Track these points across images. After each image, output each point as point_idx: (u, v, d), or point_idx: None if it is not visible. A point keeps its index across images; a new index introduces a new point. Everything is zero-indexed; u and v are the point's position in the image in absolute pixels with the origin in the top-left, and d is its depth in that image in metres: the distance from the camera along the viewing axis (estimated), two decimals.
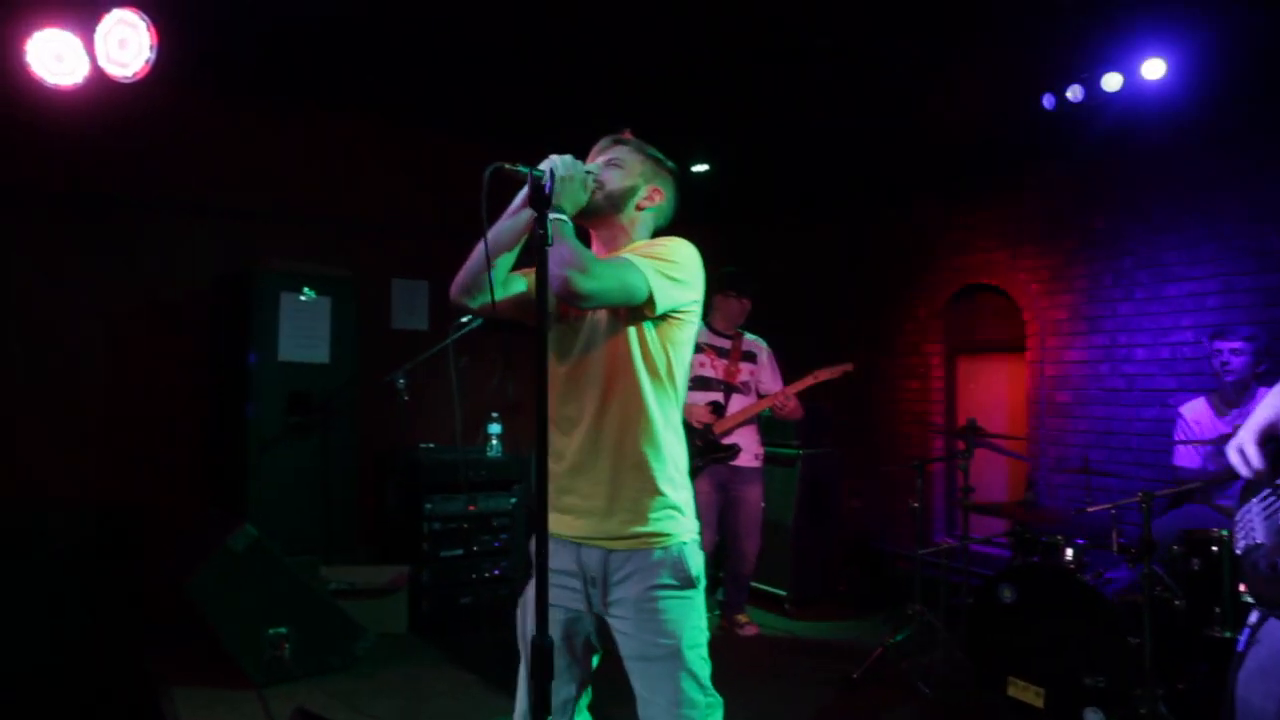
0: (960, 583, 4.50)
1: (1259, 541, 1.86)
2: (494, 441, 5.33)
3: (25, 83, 3.80)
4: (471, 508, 5.08)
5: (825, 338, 6.80)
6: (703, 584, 2.12)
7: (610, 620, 2.09)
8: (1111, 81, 4.45)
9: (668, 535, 2.05)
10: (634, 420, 2.07)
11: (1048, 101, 4.69)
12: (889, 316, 6.48)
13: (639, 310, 2.03)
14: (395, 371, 4.35)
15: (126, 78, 3.61)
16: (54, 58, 3.77)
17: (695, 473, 4.71)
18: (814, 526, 5.69)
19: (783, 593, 5.58)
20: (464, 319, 5.08)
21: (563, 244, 1.90)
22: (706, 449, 4.70)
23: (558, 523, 2.09)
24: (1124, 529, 3.81)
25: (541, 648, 1.67)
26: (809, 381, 4.61)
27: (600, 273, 1.94)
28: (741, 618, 5.04)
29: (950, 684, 4.11)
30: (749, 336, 4.97)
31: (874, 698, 4.15)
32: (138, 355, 4.94)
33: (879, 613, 5.34)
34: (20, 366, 4.63)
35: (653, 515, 2.05)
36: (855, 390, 6.59)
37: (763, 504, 4.97)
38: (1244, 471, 1.87)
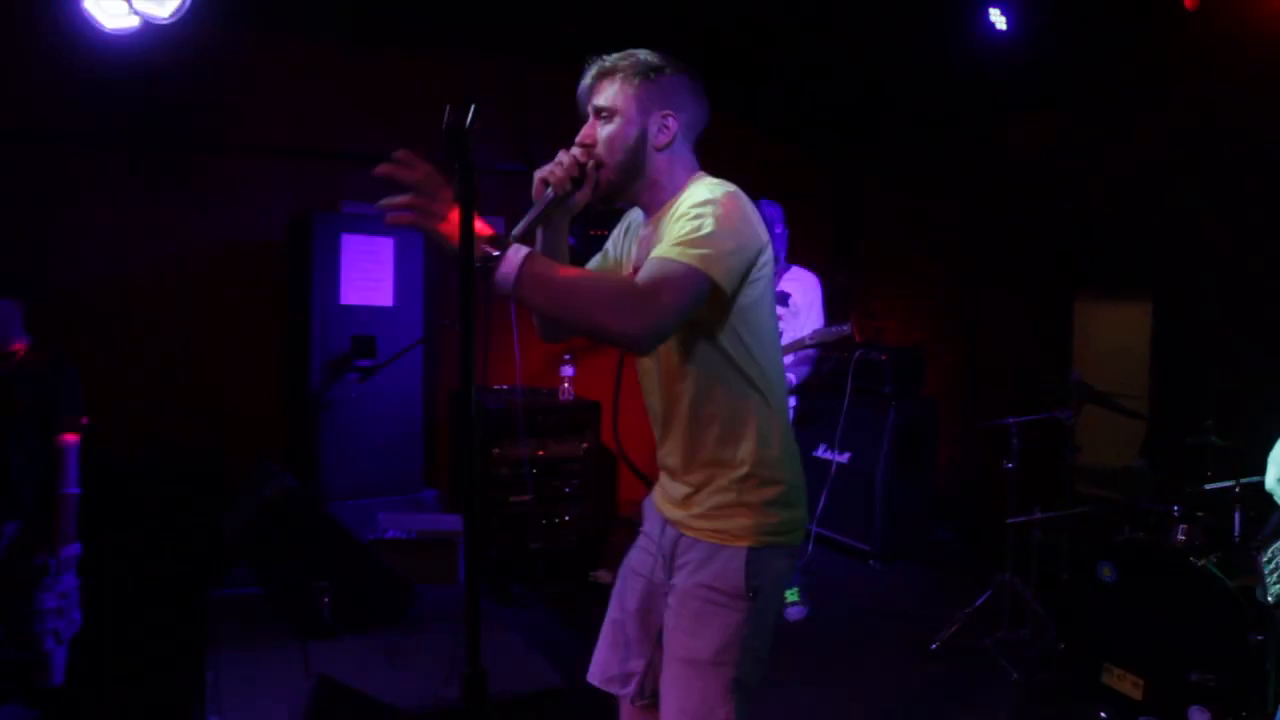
0: (1057, 554, 4.09)
1: None
2: (566, 385, 5.17)
3: (86, 29, 3.75)
4: (541, 452, 4.97)
5: (925, 267, 6.29)
6: (768, 597, 1.88)
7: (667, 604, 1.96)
8: None
9: (725, 533, 1.86)
10: (703, 414, 1.89)
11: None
12: (996, 247, 5.90)
13: (712, 302, 1.74)
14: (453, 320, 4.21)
15: (164, 19, 3.49)
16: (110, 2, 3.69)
17: None
18: (904, 478, 5.32)
19: (866, 547, 5.28)
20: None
21: (562, 293, 1.62)
22: None
23: (657, 490, 2.08)
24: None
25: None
26: (795, 344, 4.14)
27: (644, 310, 1.63)
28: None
29: (1038, 665, 3.77)
30: (792, 272, 4.39)
31: (953, 673, 3.87)
32: (213, 298, 4.97)
33: (969, 575, 4.98)
34: (96, 311, 4.72)
35: (718, 510, 1.88)
36: (960, 328, 6.10)
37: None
38: None
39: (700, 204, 1.75)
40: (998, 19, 4.38)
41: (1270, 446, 2.36)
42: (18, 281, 3.67)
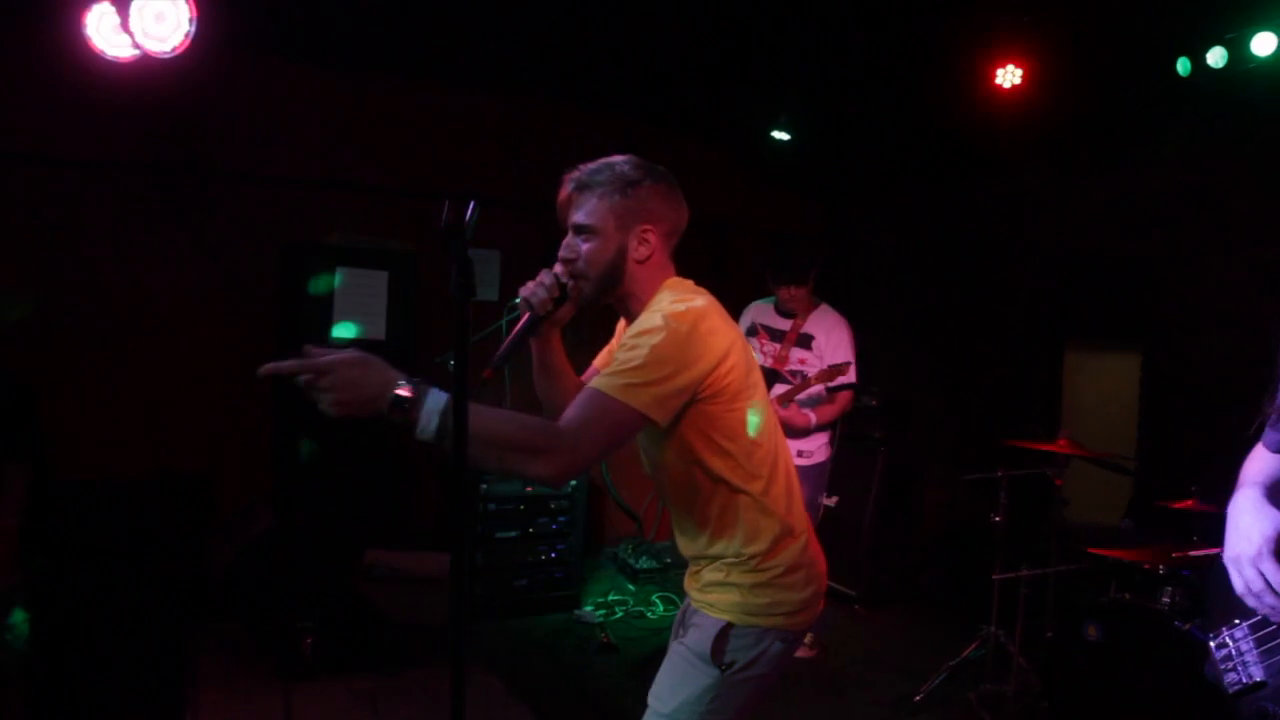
0: (1043, 609, 4.10)
1: (1258, 680, 1.42)
2: None
3: (88, 56, 3.75)
4: (529, 489, 4.95)
5: (919, 316, 6.32)
6: (745, 677, 1.91)
7: None
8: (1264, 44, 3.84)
9: (714, 606, 1.95)
10: (692, 511, 1.98)
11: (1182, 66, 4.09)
12: (986, 297, 5.94)
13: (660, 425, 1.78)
14: (445, 353, 4.19)
15: (165, 53, 3.49)
16: (112, 30, 3.70)
17: None
18: (891, 523, 5.33)
19: (852, 593, 5.27)
20: (504, 319, 4.93)
21: (477, 440, 1.55)
22: None
23: None
24: None
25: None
26: (797, 387, 4.12)
27: (563, 454, 1.66)
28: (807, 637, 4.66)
29: None
30: (819, 313, 4.36)
31: None
32: (204, 327, 4.95)
33: (955, 624, 4.98)
34: (84, 337, 4.69)
35: (709, 585, 1.98)
36: (950, 375, 6.13)
37: (821, 502, 4.54)
38: (1252, 602, 1.42)
39: (642, 332, 1.79)
40: (1007, 77, 4.43)
41: None
42: None
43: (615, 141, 6.00)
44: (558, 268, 1.93)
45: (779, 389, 4.20)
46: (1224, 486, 3.91)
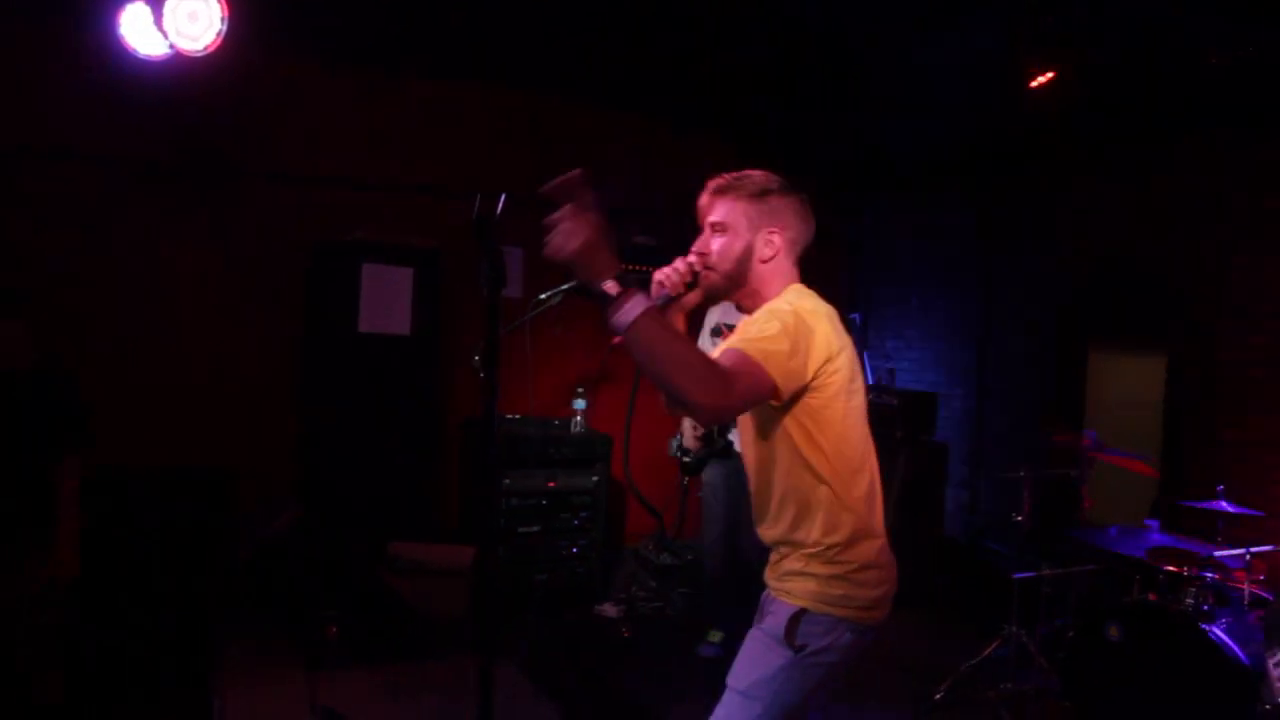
0: (1065, 609, 4.08)
1: None
2: (578, 417, 5.20)
3: (120, 54, 3.83)
4: (551, 484, 4.99)
5: (944, 316, 6.31)
6: (816, 663, 2.05)
7: None
8: None
9: (790, 593, 2.08)
10: (782, 495, 2.10)
11: None
12: (1012, 297, 5.91)
13: (778, 400, 1.97)
14: (475, 345, 4.23)
15: (197, 51, 3.55)
16: (146, 29, 3.76)
17: (691, 468, 4.45)
18: (911, 523, 5.31)
19: None
20: (544, 295, 4.96)
21: (661, 352, 1.78)
22: (705, 443, 4.35)
23: None
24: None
25: None
26: None
27: (721, 387, 1.82)
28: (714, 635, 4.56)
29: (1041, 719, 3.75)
30: None
31: None
32: (235, 324, 5.02)
33: (974, 625, 4.96)
34: (113, 334, 4.77)
35: (787, 574, 2.10)
36: (973, 374, 6.11)
37: None
38: None
39: (775, 311, 2.02)
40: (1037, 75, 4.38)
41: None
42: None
43: (641, 141, 6.06)
44: (692, 257, 2.15)
45: None
46: (1250, 487, 3.89)
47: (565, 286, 2.46)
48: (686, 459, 4.46)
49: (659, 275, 2.13)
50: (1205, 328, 4.76)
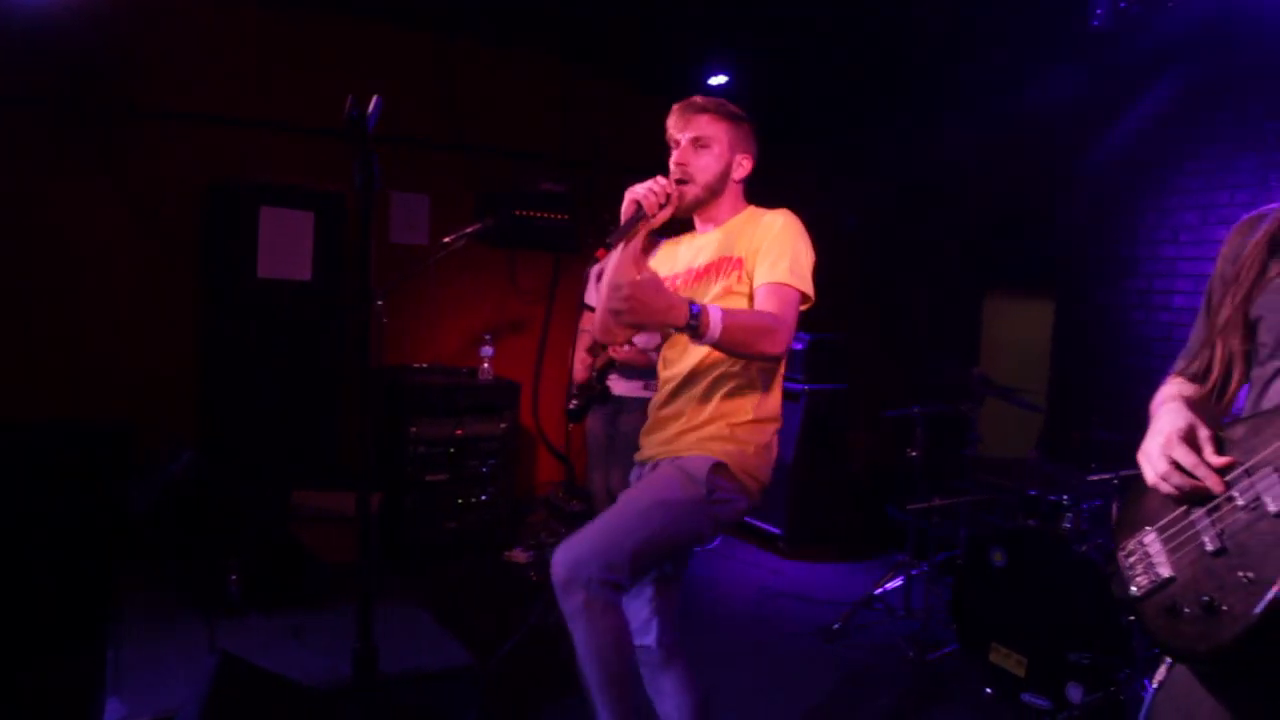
0: (953, 539, 4.28)
1: (1166, 577, 1.46)
2: (485, 365, 5.18)
3: None
4: (459, 432, 4.97)
5: (849, 262, 6.44)
6: (705, 519, 2.21)
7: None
8: None
9: (710, 452, 2.24)
10: (725, 374, 2.30)
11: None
12: (914, 245, 6.08)
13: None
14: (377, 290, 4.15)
15: None
16: None
17: (575, 415, 4.51)
18: (815, 466, 5.47)
19: (777, 531, 5.43)
20: (447, 239, 4.89)
21: (740, 337, 2.06)
22: (584, 389, 4.41)
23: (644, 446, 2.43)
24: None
25: None
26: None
27: (785, 333, 2.14)
28: None
29: (932, 645, 3.94)
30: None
31: (852, 653, 4.01)
32: (125, 270, 4.82)
33: (875, 560, 5.17)
34: (4, 282, 4.54)
35: (709, 438, 2.26)
36: (878, 320, 6.27)
37: None
38: (1164, 487, 1.47)
39: (780, 231, 2.26)
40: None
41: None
42: None
43: (550, 86, 5.99)
44: (672, 173, 2.30)
45: (644, 338, 4.28)
46: (1124, 419, 4.10)
47: (469, 230, 2.50)
48: (570, 406, 4.51)
49: (636, 195, 2.23)
50: (1085, 276, 5.00)
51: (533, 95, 5.94)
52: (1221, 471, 1.40)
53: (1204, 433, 1.44)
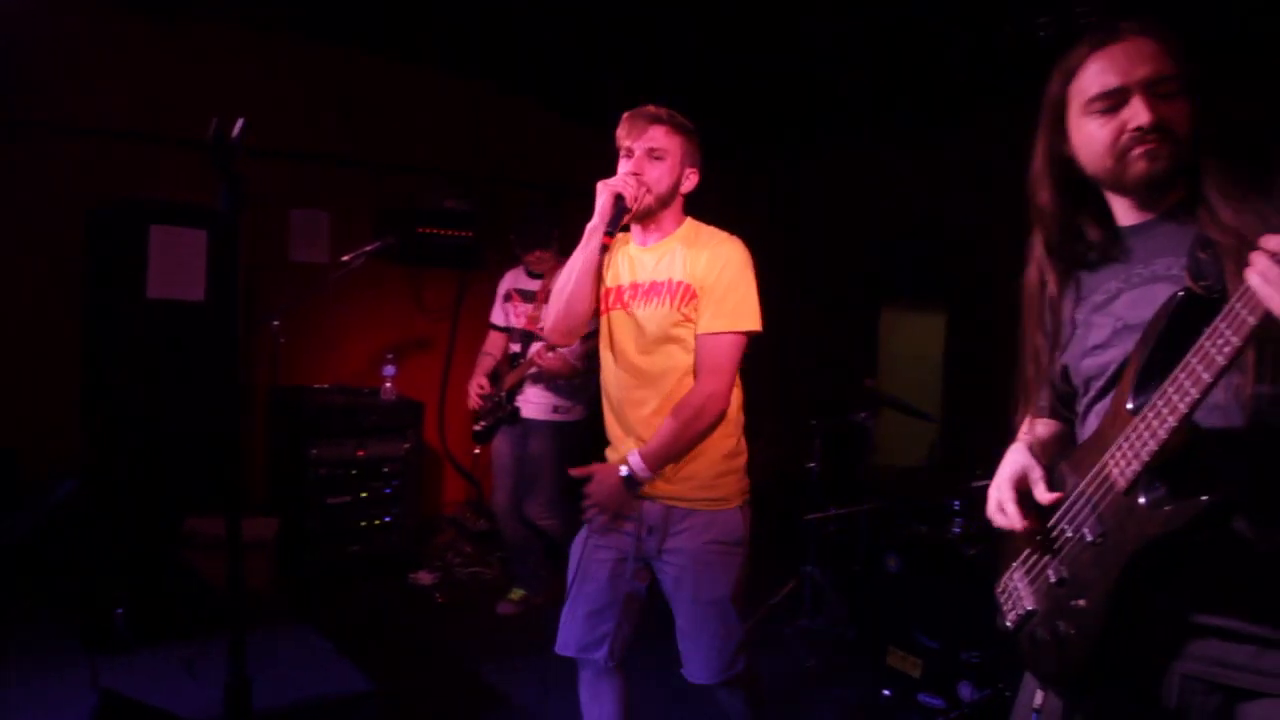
0: (854, 547, 4.40)
1: (1029, 610, 1.56)
2: (388, 384, 5.11)
3: None
4: (361, 453, 4.88)
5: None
6: (745, 546, 2.51)
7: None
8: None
9: (725, 499, 2.46)
10: (668, 398, 2.41)
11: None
12: (813, 262, 6.25)
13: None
14: (274, 310, 4.09)
15: None
16: None
17: (482, 436, 4.47)
18: None
19: None
20: (346, 258, 4.84)
21: (683, 446, 2.33)
22: (493, 410, 4.41)
23: None
24: None
25: None
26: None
27: (719, 392, 2.31)
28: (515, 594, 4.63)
29: (833, 650, 4.04)
30: None
31: (755, 660, 4.07)
32: (10, 289, 4.59)
33: (776, 568, 5.25)
34: None
35: (718, 477, 2.45)
36: (778, 337, 6.40)
37: (552, 462, 4.30)
38: (999, 520, 1.61)
39: (737, 273, 2.37)
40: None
41: None
42: None
43: (457, 104, 5.95)
44: (632, 179, 2.32)
45: (537, 347, 4.31)
46: (1011, 428, 4.27)
47: (369, 248, 2.50)
48: (477, 427, 4.48)
49: (617, 187, 2.28)
50: (976, 288, 5.21)
51: (437, 112, 5.90)
52: (1053, 507, 1.52)
53: (1036, 473, 1.56)
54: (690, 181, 2.42)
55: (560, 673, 3.12)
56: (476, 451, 4.98)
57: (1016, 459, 1.63)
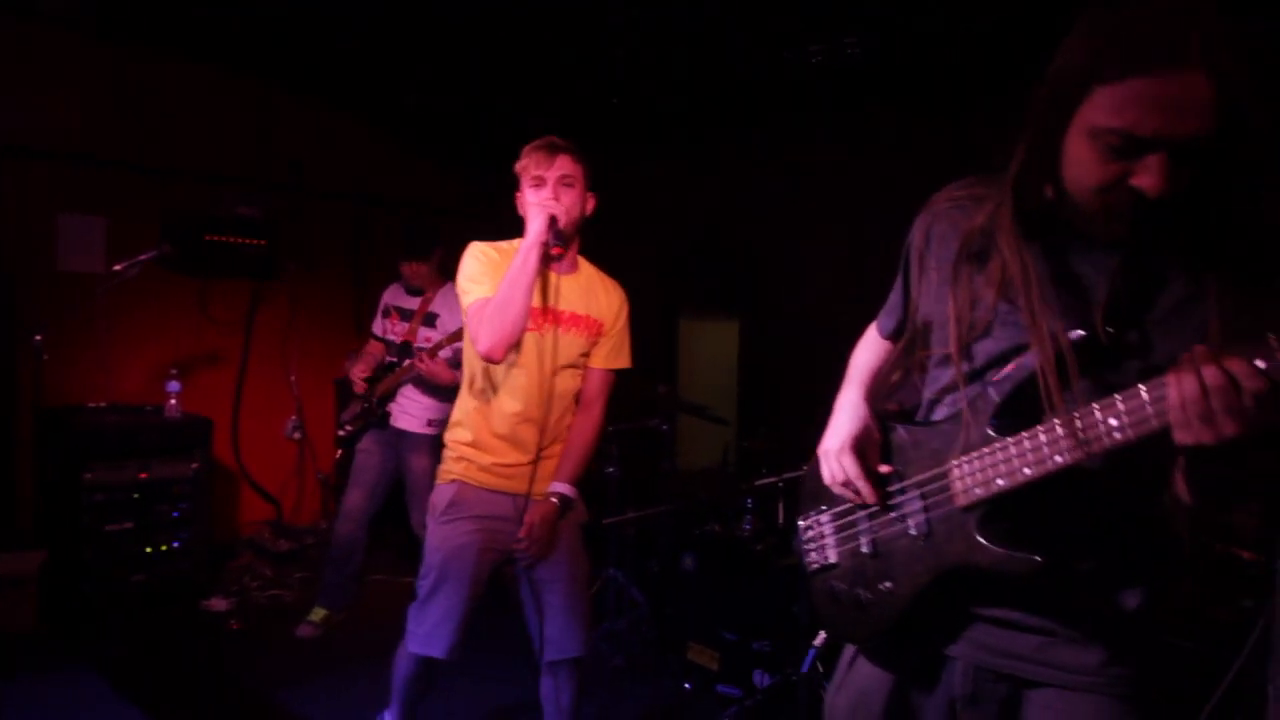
0: (653, 548, 4.56)
1: (832, 562, 1.63)
2: (173, 401, 4.82)
3: None
4: (144, 475, 4.59)
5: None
6: None
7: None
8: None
9: (570, 483, 2.77)
10: (568, 403, 2.80)
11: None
12: (612, 271, 6.39)
13: None
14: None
15: None
16: None
17: (348, 441, 4.52)
18: None
19: None
20: (118, 266, 4.54)
21: (581, 467, 2.80)
22: (361, 414, 4.46)
23: (489, 478, 2.69)
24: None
25: None
26: (439, 344, 4.19)
27: (601, 414, 2.86)
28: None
29: (638, 649, 4.18)
30: (445, 291, 4.40)
31: None
32: None
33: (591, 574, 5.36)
34: None
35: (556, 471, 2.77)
36: None
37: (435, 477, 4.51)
38: (838, 490, 1.59)
39: (627, 314, 2.90)
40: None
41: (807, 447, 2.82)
42: None
43: (246, 104, 5.67)
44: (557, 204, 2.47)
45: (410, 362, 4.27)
46: (790, 426, 4.55)
47: (144, 257, 2.41)
48: (342, 432, 4.51)
49: (553, 209, 2.42)
50: (765, 298, 5.52)
51: (227, 113, 5.62)
52: (884, 479, 1.52)
53: (874, 438, 1.56)
54: (590, 205, 2.61)
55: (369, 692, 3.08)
56: (338, 455, 4.92)
57: (856, 414, 1.60)
